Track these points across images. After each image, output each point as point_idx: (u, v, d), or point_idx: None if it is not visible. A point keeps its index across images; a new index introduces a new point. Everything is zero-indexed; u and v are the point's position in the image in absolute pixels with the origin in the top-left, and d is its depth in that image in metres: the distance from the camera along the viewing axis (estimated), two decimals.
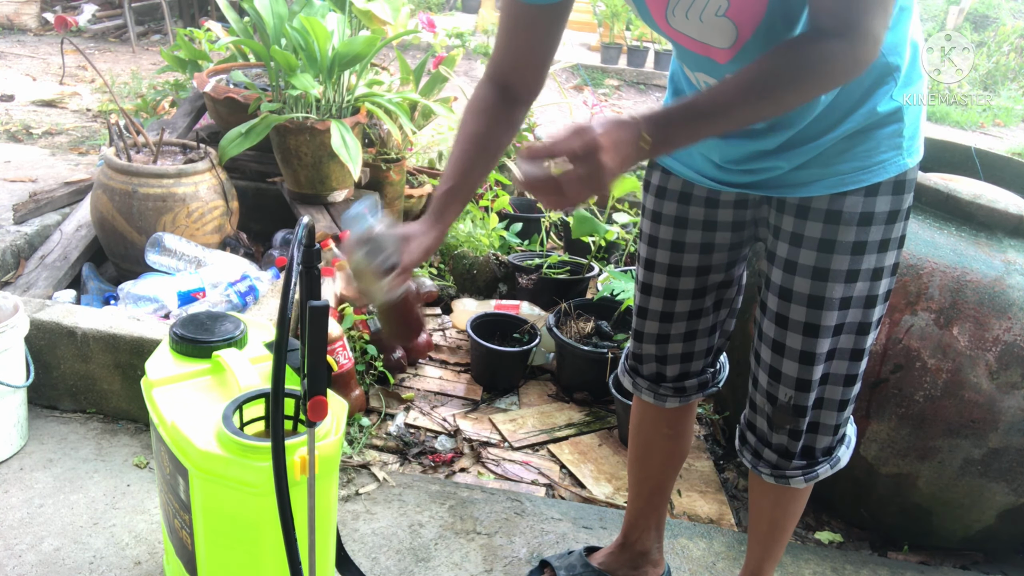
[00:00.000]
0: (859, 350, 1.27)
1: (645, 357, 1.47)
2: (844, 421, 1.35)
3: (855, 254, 1.20)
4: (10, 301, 1.88)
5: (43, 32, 6.76)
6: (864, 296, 1.23)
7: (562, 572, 1.63)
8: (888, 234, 1.21)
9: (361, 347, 2.22)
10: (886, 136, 1.16)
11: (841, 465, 1.38)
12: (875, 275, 1.22)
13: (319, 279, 1.11)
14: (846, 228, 1.19)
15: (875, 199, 1.18)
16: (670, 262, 1.38)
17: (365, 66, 2.60)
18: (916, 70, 1.17)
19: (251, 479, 1.14)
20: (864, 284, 1.22)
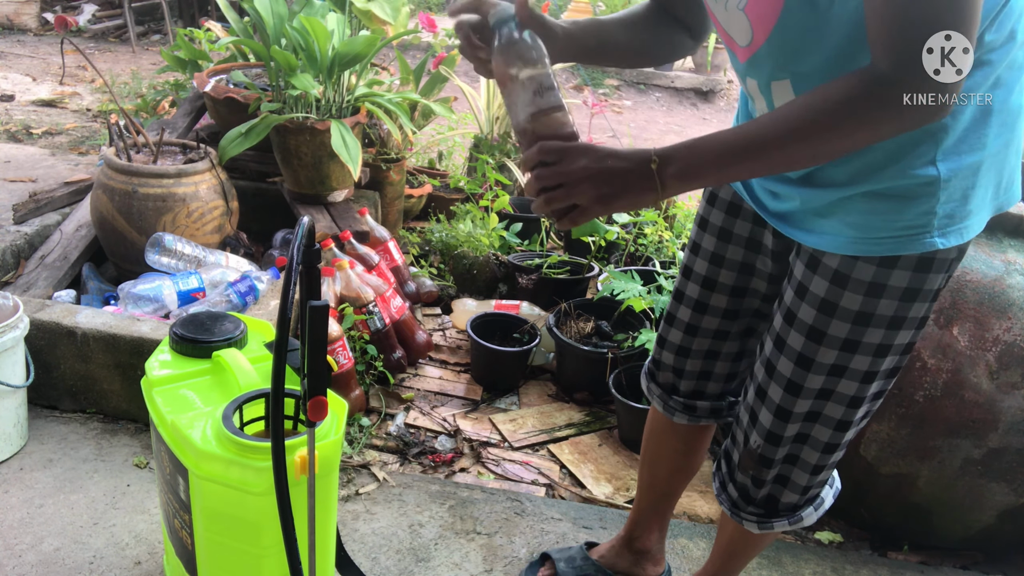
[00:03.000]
0: (846, 421, 1.17)
1: (663, 365, 1.43)
2: (817, 484, 1.27)
3: (857, 324, 1.09)
4: (10, 301, 1.88)
5: (43, 32, 6.76)
6: (862, 371, 1.12)
7: (562, 564, 1.63)
8: (903, 312, 1.08)
9: (361, 347, 2.22)
10: (915, 207, 1.01)
11: (803, 524, 1.30)
12: (879, 351, 1.11)
13: (319, 279, 1.10)
14: (851, 295, 1.07)
15: (890, 272, 1.05)
16: (707, 274, 1.32)
17: (365, 66, 2.60)
18: (981, 138, 0.99)
19: (251, 479, 1.14)
20: (864, 358, 1.11)
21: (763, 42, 1.00)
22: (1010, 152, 1.04)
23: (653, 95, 7.20)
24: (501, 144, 3.56)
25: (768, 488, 1.27)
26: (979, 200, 1.04)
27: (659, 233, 2.96)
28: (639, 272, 2.57)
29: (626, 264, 2.96)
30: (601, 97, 6.84)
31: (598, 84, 7.18)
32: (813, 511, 1.30)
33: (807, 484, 1.25)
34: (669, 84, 7.31)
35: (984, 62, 0.96)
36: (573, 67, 6.83)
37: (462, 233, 2.98)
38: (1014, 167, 1.07)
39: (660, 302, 2.27)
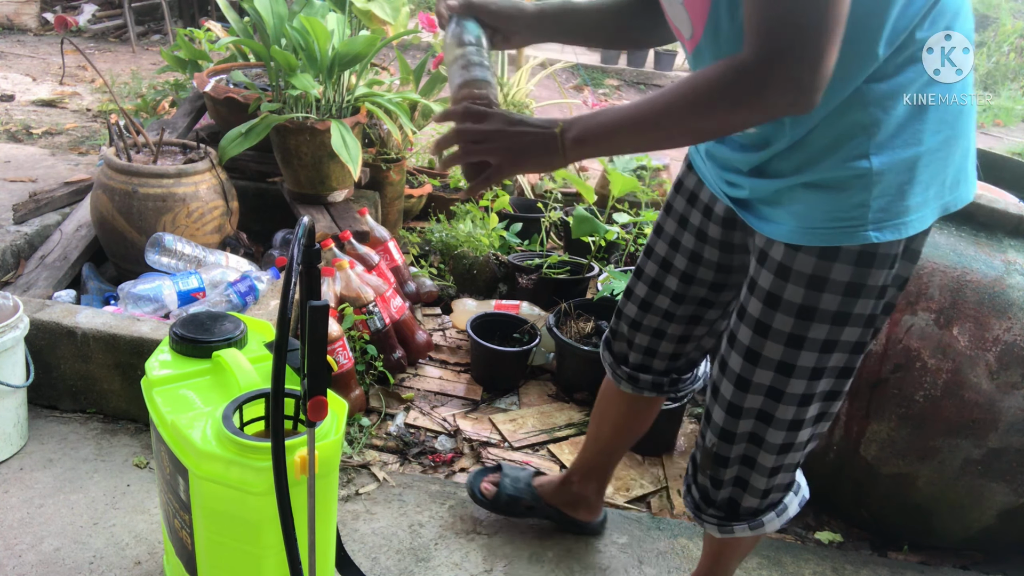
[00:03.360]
0: (798, 420, 1.18)
1: (618, 335, 1.51)
2: (777, 488, 1.27)
3: (800, 318, 1.10)
4: (10, 301, 1.88)
5: (43, 32, 6.76)
6: (809, 367, 1.13)
7: (507, 480, 1.80)
8: (847, 307, 1.09)
9: (361, 347, 2.22)
10: (849, 198, 1.03)
11: (765, 530, 1.31)
12: (825, 347, 1.11)
13: (319, 279, 1.11)
14: (794, 287, 1.09)
15: (831, 264, 1.07)
16: (664, 256, 1.39)
17: (365, 66, 2.60)
18: (916, 134, 1.01)
19: (251, 479, 1.14)
20: (810, 354, 1.12)
21: (701, 35, 1.05)
22: (954, 150, 1.05)
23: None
24: None
25: (728, 491, 1.29)
26: (918, 196, 1.04)
27: None
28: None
29: (626, 264, 2.96)
30: (601, 97, 6.84)
31: (598, 84, 7.18)
32: (775, 517, 1.30)
33: (766, 487, 1.26)
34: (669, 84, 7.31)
35: (917, 59, 0.99)
36: (574, 67, 6.84)
37: (462, 233, 2.98)
38: (961, 166, 1.08)
39: None
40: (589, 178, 3.94)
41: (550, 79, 5.26)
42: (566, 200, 3.49)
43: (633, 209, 3.10)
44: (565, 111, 5.86)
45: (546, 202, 3.34)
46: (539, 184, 3.73)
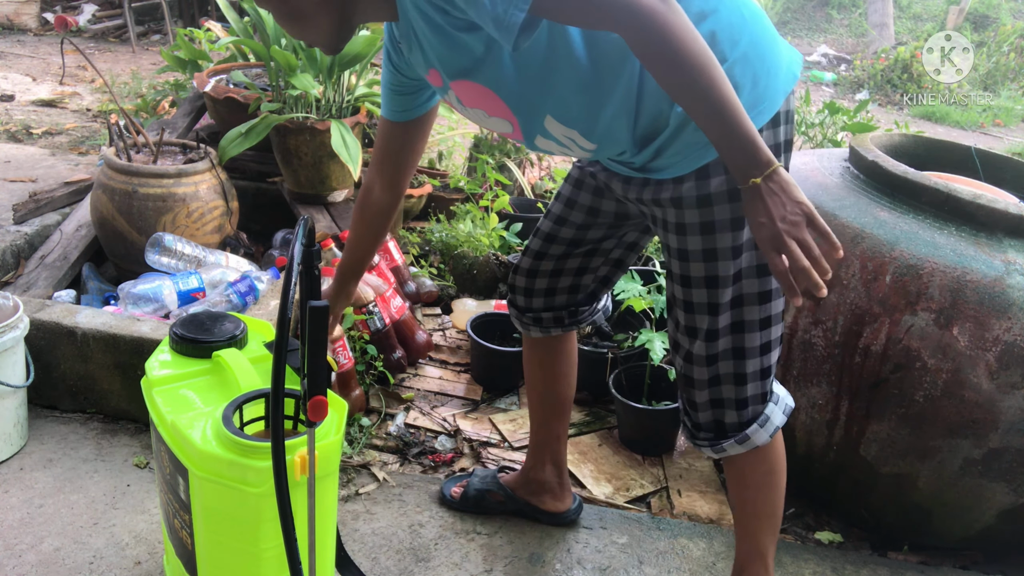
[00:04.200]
0: (739, 322, 1.30)
1: (516, 288, 1.65)
2: (752, 398, 1.36)
3: (705, 234, 1.25)
4: (10, 301, 1.88)
5: (43, 32, 6.76)
6: (729, 275, 1.27)
7: (475, 479, 1.87)
8: (738, 212, 1.22)
9: (361, 347, 2.22)
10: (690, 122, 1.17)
11: (753, 443, 1.37)
12: (735, 253, 1.26)
13: (319, 279, 1.11)
14: (691, 211, 1.25)
15: (708, 181, 1.22)
16: (559, 213, 1.54)
17: (365, 66, 2.60)
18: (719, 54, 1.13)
19: (251, 479, 1.14)
20: (726, 262, 1.26)
21: (518, 121, 1.23)
22: (752, 57, 1.19)
23: None
24: (501, 144, 3.56)
25: (709, 412, 1.38)
26: (748, 92, 1.18)
27: None
28: (639, 272, 2.57)
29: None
30: None
31: None
32: (759, 428, 1.37)
33: (739, 396, 1.35)
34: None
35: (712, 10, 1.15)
36: None
37: (462, 233, 2.98)
38: (761, 69, 1.20)
39: (660, 302, 2.27)
40: None
41: None
42: None
43: None
44: None
45: (546, 202, 3.34)
46: (539, 184, 3.73)
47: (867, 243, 1.79)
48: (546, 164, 3.94)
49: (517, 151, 3.59)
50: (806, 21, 10.47)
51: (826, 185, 1.94)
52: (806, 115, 3.20)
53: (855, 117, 2.99)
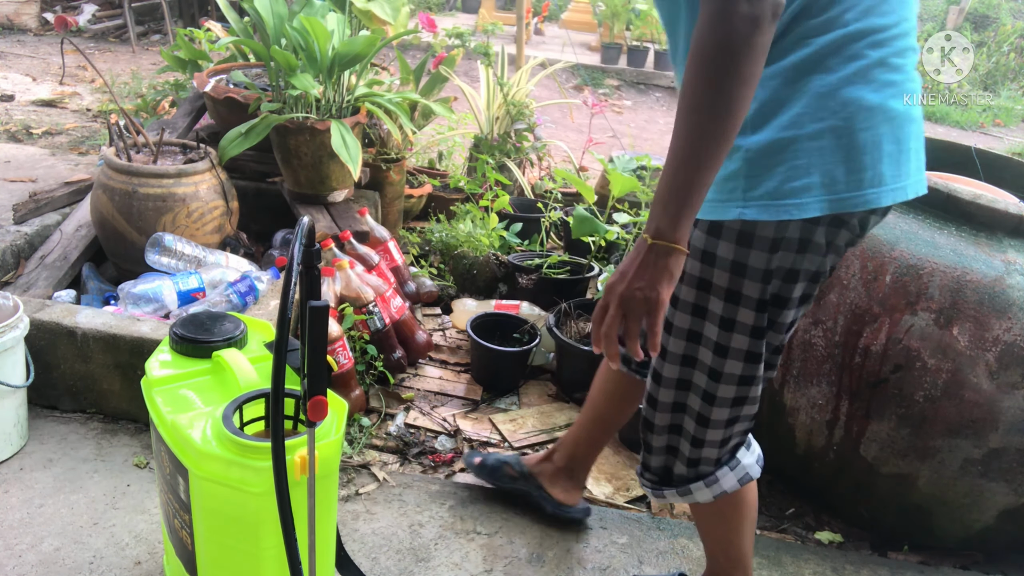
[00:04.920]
0: (710, 394, 1.24)
1: None
2: (705, 460, 1.32)
3: (700, 289, 1.19)
4: (10, 301, 1.88)
5: (43, 32, 6.76)
6: (713, 340, 1.20)
7: (497, 453, 1.89)
8: (736, 286, 1.14)
9: (361, 347, 2.22)
10: (726, 170, 1.09)
11: (694, 498, 1.36)
12: (724, 324, 1.18)
13: (319, 279, 1.11)
14: (692, 261, 1.18)
15: (717, 241, 1.14)
16: None
17: (365, 66, 2.60)
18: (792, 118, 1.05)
19: (251, 479, 1.14)
20: (712, 327, 1.19)
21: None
22: (848, 145, 1.04)
23: (653, 95, 7.20)
24: (501, 144, 3.56)
25: (662, 458, 1.37)
26: (796, 182, 1.05)
27: None
28: None
29: None
30: (601, 97, 6.84)
31: (598, 84, 7.18)
32: (704, 487, 1.35)
33: (693, 457, 1.32)
34: (669, 84, 7.31)
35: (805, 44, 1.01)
36: (574, 67, 6.84)
37: (462, 233, 2.98)
38: (864, 164, 1.06)
39: None
40: (589, 178, 3.95)
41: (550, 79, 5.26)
42: (566, 200, 3.49)
43: (633, 209, 3.10)
44: (565, 111, 5.86)
45: (546, 202, 3.34)
46: (539, 184, 3.73)
47: (867, 243, 1.79)
48: (546, 164, 3.94)
49: (517, 151, 3.59)
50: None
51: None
52: None
53: None
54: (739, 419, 1.29)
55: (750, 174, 1.06)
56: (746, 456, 1.37)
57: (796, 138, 1.03)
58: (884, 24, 1.03)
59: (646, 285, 1.02)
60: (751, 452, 1.38)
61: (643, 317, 1.03)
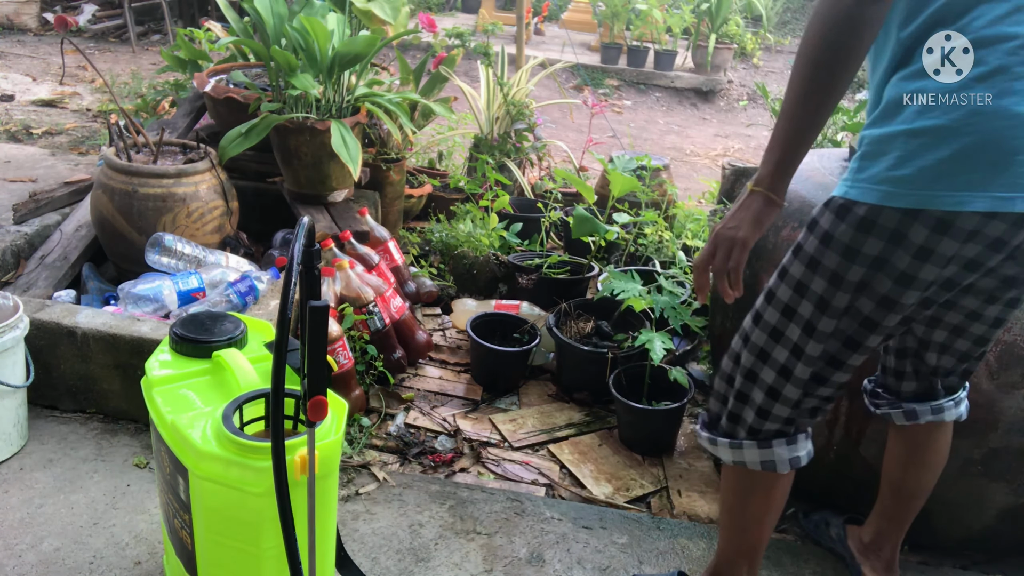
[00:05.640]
0: (745, 331, 1.34)
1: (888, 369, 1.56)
2: (731, 398, 1.37)
3: (792, 253, 1.27)
4: (10, 301, 1.88)
5: (43, 32, 6.76)
6: (783, 302, 1.27)
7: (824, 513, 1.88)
8: (818, 255, 1.21)
9: (361, 347, 2.22)
10: (853, 159, 1.20)
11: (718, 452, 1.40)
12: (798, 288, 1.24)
13: (319, 279, 1.11)
14: (803, 230, 1.26)
15: (824, 211, 1.22)
16: None
17: (365, 66, 2.60)
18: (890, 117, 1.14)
19: (251, 479, 1.14)
20: (786, 289, 1.26)
21: None
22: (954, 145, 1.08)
23: (653, 95, 7.20)
24: (501, 144, 3.56)
25: (718, 406, 1.42)
26: (898, 171, 1.12)
27: (659, 233, 2.96)
28: (639, 272, 2.57)
29: (626, 264, 2.96)
30: (601, 97, 6.84)
31: (598, 84, 7.18)
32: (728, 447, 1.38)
33: (734, 411, 1.37)
34: (669, 84, 7.31)
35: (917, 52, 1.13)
36: (574, 67, 6.84)
37: (462, 233, 2.98)
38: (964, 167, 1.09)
39: (660, 302, 2.27)
40: (589, 178, 3.95)
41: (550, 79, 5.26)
42: (566, 200, 3.50)
43: (633, 209, 3.10)
44: (565, 111, 5.86)
45: (546, 202, 3.34)
46: (539, 184, 3.73)
47: None
48: (546, 164, 3.94)
49: (517, 151, 3.59)
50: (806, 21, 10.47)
51: (826, 185, 1.94)
52: None
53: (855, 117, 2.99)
54: (807, 397, 1.30)
55: (864, 158, 1.16)
56: (781, 447, 1.36)
57: (908, 132, 1.11)
58: (1013, 33, 1.07)
59: (736, 226, 1.20)
60: (791, 448, 1.37)
61: (729, 254, 1.21)
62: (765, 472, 1.37)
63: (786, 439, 1.36)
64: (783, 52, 9.01)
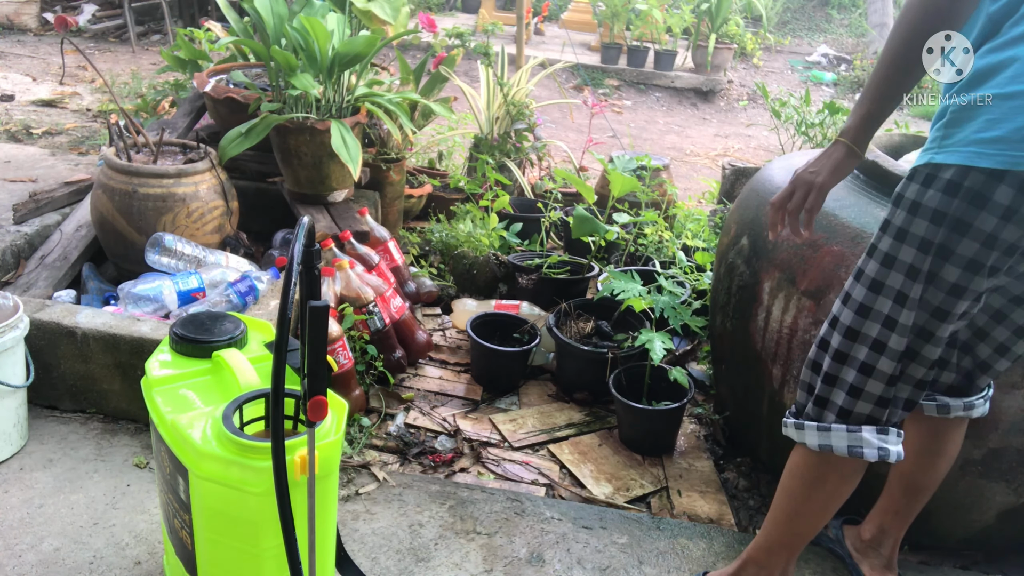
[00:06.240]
0: (849, 327, 1.32)
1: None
2: (813, 379, 1.40)
3: (880, 230, 1.28)
4: (10, 301, 1.88)
5: (43, 32, 6.76)
6: (870, 276, 1.29)
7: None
8: (906, 224, 1.23)
9: (361, 347, 2.22)
10: (935, 128, 1.22)
11: (804, 436, 1.39)
12: (885, 260, 1.26)
13: (319, 279, 1.11)
14: (889, 205, 1.27)
15: (908, 183, 1.24)
16: None
17: (365, 66, 2.60)
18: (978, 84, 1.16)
19: (251, 479, 1.14)
20: (874, 264, 1.28)
21: None
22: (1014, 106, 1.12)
23: (653, 95, 7.20)
24: (501, 144, 3.56)
25: (803, 395, 1.44)
26: (987, 133, 1.13)
27: (659, 233, 2.96)
28: (639, 272, 2.57)
29: (626, 264, 2.96)
30: (601, 97, 6.84)
31: (598, 84, 7.18)
32: (816, 431, 1.38)
33: (821, 395, 1.38)
34: (669, 84, 7.31)
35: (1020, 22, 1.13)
36: (574, 67, 6.84)
37: (462, 233, 2.99)
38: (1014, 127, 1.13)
39: (660, 302, 2.27)
40: (589, 178, 3.95)
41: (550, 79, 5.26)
42: (566, 200, 3.50)
43: (633, 209, 3.10)
44: (565, 111, 5.86)
45: (546, 202, 3.34)
46: (539, 184, 3.73)
47: (867, 242, 1.78)
48: (546, 164, 3.94)
49: (517, 151, 3.59)
50: (806, 21, 10.47)
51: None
52: (806, 115, 3.20)
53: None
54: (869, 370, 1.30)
55: (949, 125, 1.18)
56: (871, 433, 1.34)
57: (1000, 95, 1.13)
58: None
59: (816, 171, 1.32)
60: (881, 438, 1.35)
61: (806, 196, 1.32)
62: (843, 459, 1.36)
63: (876, 427, 1.34)
64: (783, 52, 9.02)
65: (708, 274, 2.61)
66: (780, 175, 2.01)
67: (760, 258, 1.90)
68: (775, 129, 3.40)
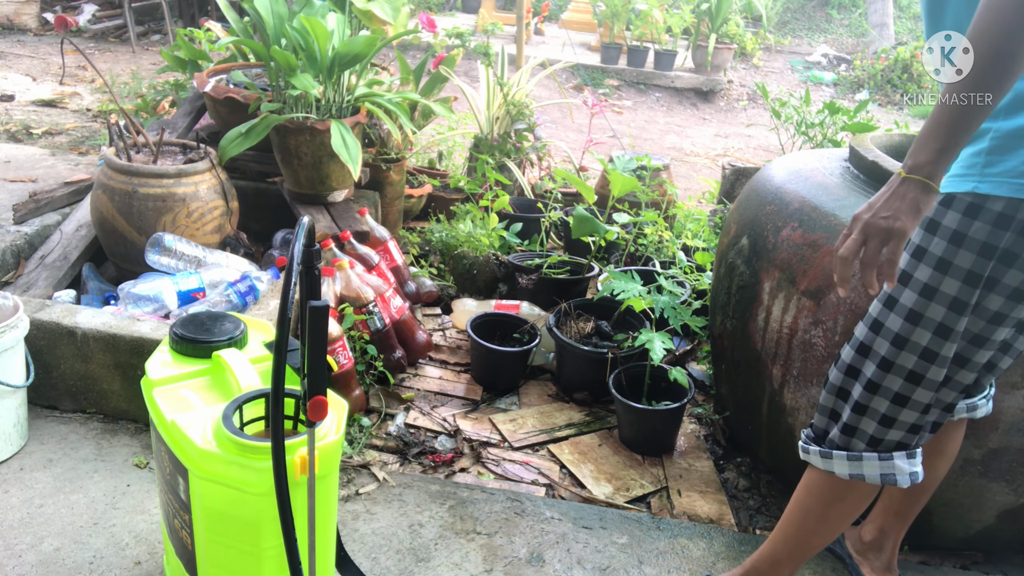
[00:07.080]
0: (888, 360, 1.28)
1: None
2: (839, 406, 1.37)
3: (912, 256, 1.23)
4: (10, 301, 1.88)
5: (43, 32, 6.76)
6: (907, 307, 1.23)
7: None
8: (949, 255, 1.18)
9: (361, 347, 2.22)
10: (972, 152, 1.16)
11: (832, 465, 1.37)
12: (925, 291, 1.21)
13: (319, 279, 1.11)
14: (919, 231, 1.22)
15: (945, 211, 1.18)
16: None
17: (365, 66, 2.60)
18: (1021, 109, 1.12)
19: (251, 479, 1.14)
20: (911, 294, 1.23)
21: None
22: None
23: (653, 95, 7.20)
24: (501, 144, 3.56)
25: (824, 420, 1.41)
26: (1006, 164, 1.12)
27: (659, 233, 2.96)
28: (639, 272, 2.57)
29: (626, 264, 2.96)
30: (601, 97, 6.84)
31: (598, 84, 7.18)
32: (846, 460, 1.35)
33: (850, 424, 1.34)
34: (669, 84, 7.31)
35: None
36: (574, 67, 6.84)
37: (462, 233, 2.99)
38: None
39: (660, 302, 2.27)
40: (589, 178, 3.95)
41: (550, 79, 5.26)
42: (566, 200, 3.50)
43: (633, 209, 3.10)
44: (565, 111, 5.86)
45: (546, 202, 3.34)
46: (539, 184, 3.73)
47: None
48: (546, 164, 3.94)
49: (517, 151, 3.59)
50: (806, 21, 10.47)
51: (826, 185, 1.94)
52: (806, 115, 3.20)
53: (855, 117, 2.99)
54: (903, 401, 1.28)
55: (992, 152, 1.14)
56: (902, 459, 1.34)
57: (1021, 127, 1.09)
58: None
59: (891, 215, 1.11)
60: (911, 463, 1.35)
61: (883, 245, 1.12)
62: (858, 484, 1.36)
63: (907, 452, 1.34)
64: (783, 52, 9.02)
65: (708, 274, 2.61)
66: (780, 175, 2.01)
67: (760, 258, 1.90)
68: (775, 129, 3.40)
